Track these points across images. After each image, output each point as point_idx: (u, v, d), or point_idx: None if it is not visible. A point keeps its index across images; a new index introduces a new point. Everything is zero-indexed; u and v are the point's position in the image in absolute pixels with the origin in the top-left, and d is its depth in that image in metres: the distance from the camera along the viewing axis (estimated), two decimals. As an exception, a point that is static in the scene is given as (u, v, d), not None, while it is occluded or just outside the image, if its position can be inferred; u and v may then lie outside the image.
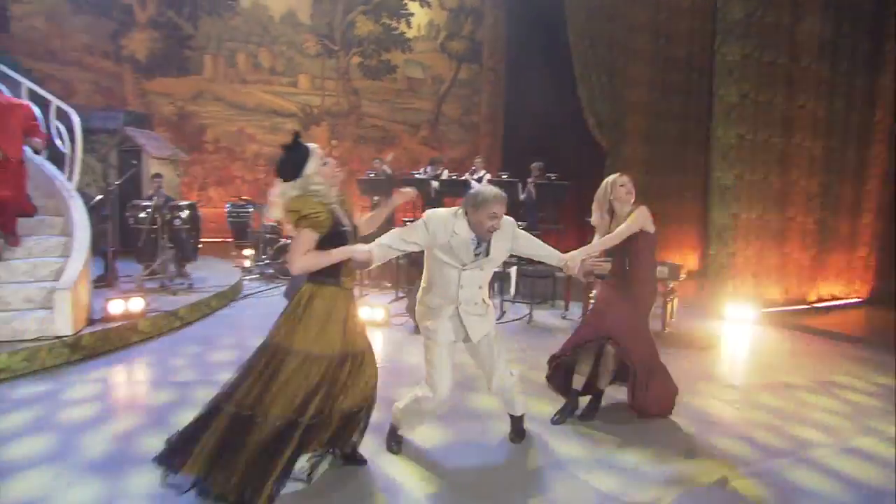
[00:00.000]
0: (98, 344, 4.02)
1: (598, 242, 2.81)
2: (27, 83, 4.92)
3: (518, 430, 2.82)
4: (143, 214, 5.40)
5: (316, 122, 11.29)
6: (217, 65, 10.34)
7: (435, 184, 6.85)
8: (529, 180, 7.23)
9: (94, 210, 5.26)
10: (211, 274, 6.32)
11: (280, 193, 2.12)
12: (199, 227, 5.88)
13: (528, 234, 2.58)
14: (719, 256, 5.98)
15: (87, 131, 7.77)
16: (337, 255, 2.12)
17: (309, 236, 2.09)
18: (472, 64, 12.02)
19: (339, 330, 2.17)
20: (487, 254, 2.40)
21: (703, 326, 5.48)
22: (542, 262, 2.60)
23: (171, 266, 5.59)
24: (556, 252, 2.60)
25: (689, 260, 7.99)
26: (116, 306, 4.34)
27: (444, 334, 2.41)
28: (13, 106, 4.12)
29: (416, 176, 7.31)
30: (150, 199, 5.67)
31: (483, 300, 2.48)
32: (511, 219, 2.47)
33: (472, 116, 12.20)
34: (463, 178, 7.26)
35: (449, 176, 7.28)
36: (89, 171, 6.84)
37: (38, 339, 3.74)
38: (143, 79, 9.68)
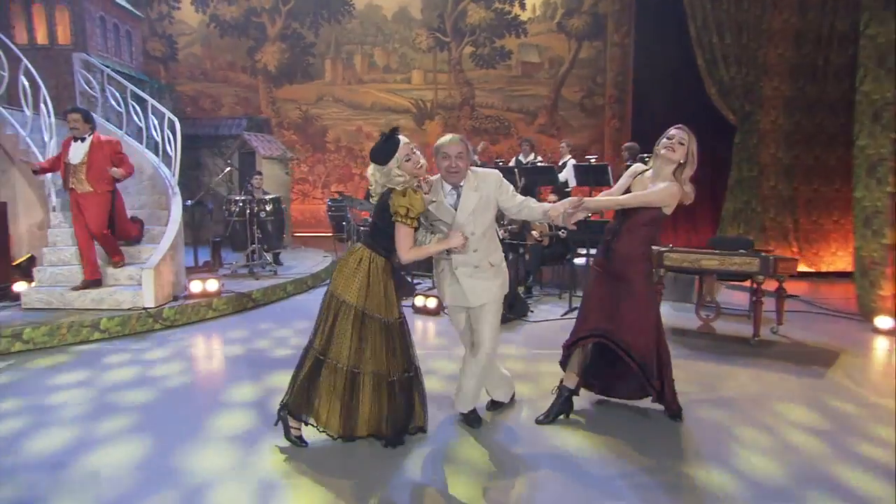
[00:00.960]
0: (177, 317, 5.04)
1: (611, 199, 2.65)
2: (151, 101, 6.28)
3: (471, 418, 2.86)
4: (235, 208, 6.48)
5: (429, 117, 11.94)
6: (336, 68, 11.66)
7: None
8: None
9: (199, 204, 6.52)
10: (302, 263, 7.28)
11: (370, 173, 2.50)
12: (283, 219, 6.78)
13: (512, 189, 2.62)
14: (868, 249, 4.79)
15: (216, 138, 9.57)
16: (436, 247, 2.48)
17: (411, 231, 2.43)
18: (595, 41, 11.41)
19: (385, 288, 2.49)
20: (457, 206, 2.49)
21: (830, 338, 4.53)
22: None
23: (263, 254, 6.58)
24: (540, 204, 2.62)
25: (838, 258, 6.54)
26: (196, 286, 5.35)
27: (450, 298, 2.61)
28: (103, 144, 4.76)
29: (501, 164, 7.34)
30: (248, 193, 6.77)
31: (489, 264, 2.55)
32: (497, 172, 2.59)
33: (596, 98, 11.59)
34: (544, 164, 7.05)
35: (532, 163, 7.13)
36: (219, 171, 8.35)
37: (130, 310, 4.85)
38: (273, 87, 11.42)
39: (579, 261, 6.30)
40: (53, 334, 4.38)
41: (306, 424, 2.62)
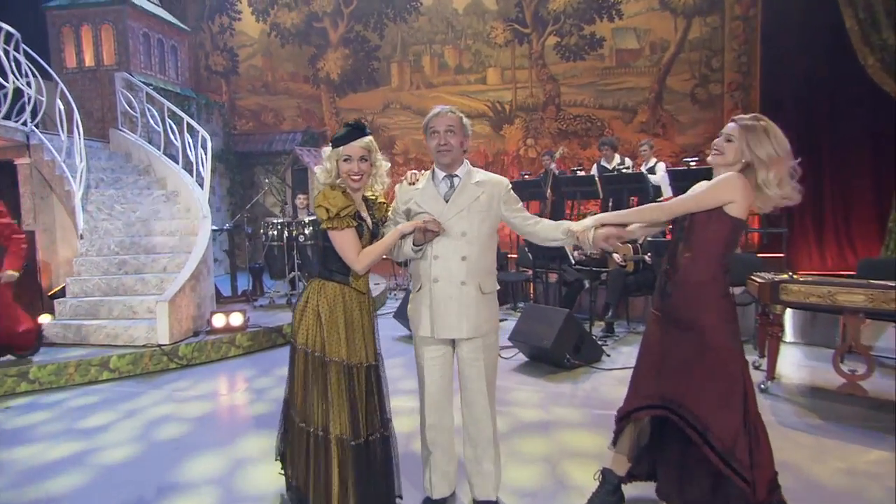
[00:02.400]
0: (194, 354, 5.00)
1: (649, 207, 2.33)
2: (186, 118, 6.48)
3: None
4: (273, 231, 6.45)
5: (508, 121, 11.51)
6: (403, 72, 11.64)
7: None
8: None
9: (238, 229, 6.59)
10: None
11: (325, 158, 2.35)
12: (326, 242, 6.65)
13: (522, 205, 2.43)
14: None
15: (270, 154, 9.87)
16: (390, 238, 2.32)
17: (349, 232, 2.26)
18: (709, 16, 10.31)
19: (343, 331, 2.30)
20: (449, 197, 2.29)
21: None
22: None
23: (302, 281, 6.53)
24: (560, 222, 2.40)
25: None
26: (218, 320, 5.31)
27: (425, 326, 2.33)
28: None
29: (580, 173, 6.71)
30: (292, 214, 6.76)
31: (480, 288, 2.28)
32: (506, 180, 2.40)
33: (712, 87, 10.44)
34: (629, 169, 6.28)
35: (618, 168, 6.40)
36: (273, 191, 8.54)
37: (144, 346, 4.88)
38: (336, 97, 11.64)
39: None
40: (61, 374, 4.48)
41: None
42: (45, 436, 3.63)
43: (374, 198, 2.50)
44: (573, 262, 5.87)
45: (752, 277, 4.11)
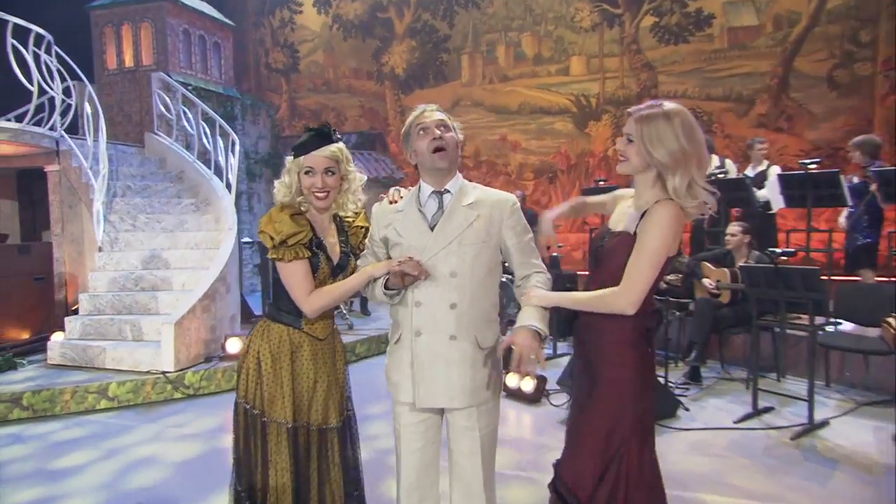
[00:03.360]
0: (202, 383, 4.79)
1: (601, 294, 1.90)
2: (219, 120, 6.41)
3: None
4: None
5: (594, 117, 10.74)
6: (474, 65, 11.20)
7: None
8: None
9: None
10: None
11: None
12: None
13: (531, 237, 2.08)
14: None
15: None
16: (355, 280, 2.09)
17: (299, 265, 2.05)
18: (854, -21, 8.96)
19: (288, 386, 2.11)
20: (434, 223, 2.01)
21: None
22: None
23: (344, 304, 6.24)
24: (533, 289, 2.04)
25: None
26: (233, 345, 5.09)
27: (406, 390, 2.05)
28: None
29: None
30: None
31: (476, 343, 1.98)
32: (513, 197, 2.08)
33: (858, 67, 9.04)
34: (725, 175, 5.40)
35: (714, 174, 5.51)
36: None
37: (147, 373, 4.73)
38: (401, 94, 11.42)
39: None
40: (55, 401, 4.41)
41: None
42: (10, 477, 3.50)
43: (350, 220, 2.25)
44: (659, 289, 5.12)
45: (889, 321, 3.24)
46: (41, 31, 5.66)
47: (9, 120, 5.64)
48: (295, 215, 2.08)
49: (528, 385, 4.47)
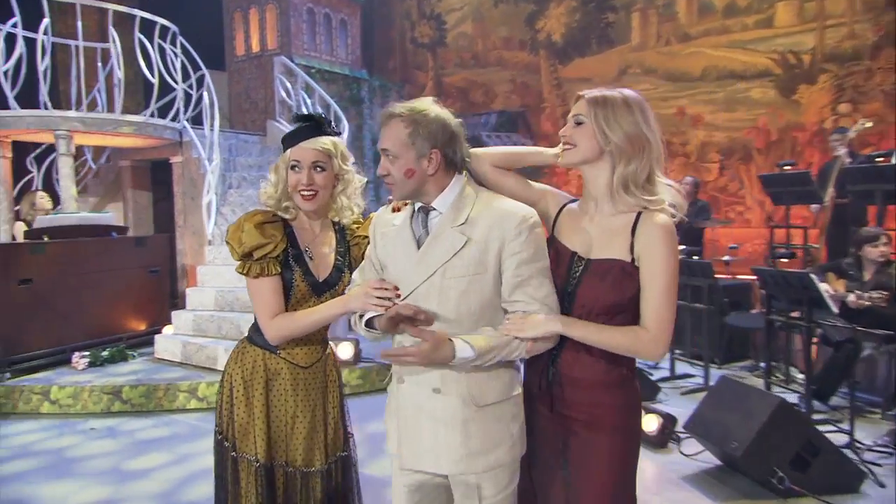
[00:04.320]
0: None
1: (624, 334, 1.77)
2: (334, 106, 6.58)
3: None
4: None
5: (807, 79, 9.29)
6: (647, 24, 10.29)
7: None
8: None
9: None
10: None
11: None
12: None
13: (541, 268, 1.77)
14: None
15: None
16: (328, 311, 1.98)
17: (264, 284, 1.99)
18: None
19: (261, 419, 2.05)
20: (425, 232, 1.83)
21: None
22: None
23: None
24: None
25: None
26: (345, 350, 5.17)
27: (391, 441, 1.94)
28: None
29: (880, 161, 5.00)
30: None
31: (471, 399, 1.76)
32: (522, 212, 1.76)
33: None
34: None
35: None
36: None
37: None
38: (559, 64, 10.90)
39: None
40: (150, 397, 4.87)
41: None
42: (87, 473, 3.87)
43: (353, 229, 2.18)
44: (835, 309, 4.25)
45: None
46: (166, 22, 6.24)
47: (152, 114, 6.35)
48: (265, 223, 2.00)
49: (650, 424, 4.00)
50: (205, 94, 6.32)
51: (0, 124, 5.75)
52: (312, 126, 2.02)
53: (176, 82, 6.30)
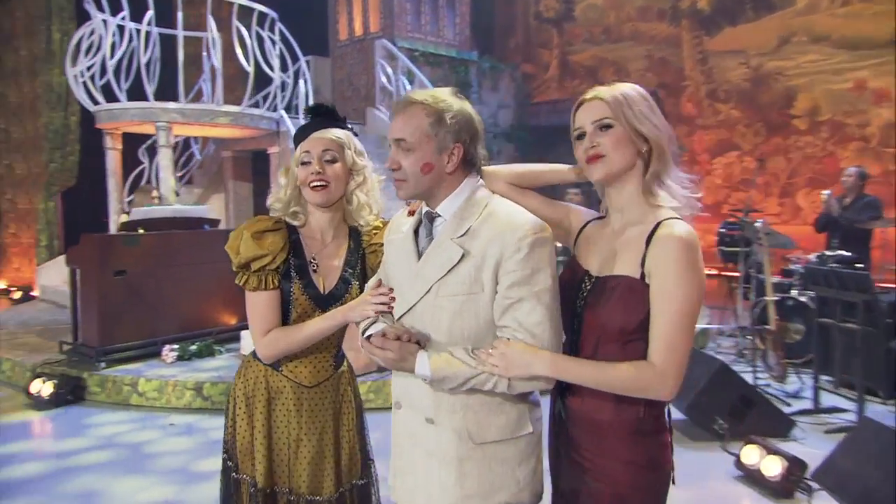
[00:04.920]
0: (370, 396, 5.04)
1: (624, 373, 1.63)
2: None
3: None
4: None
5: None
6: (816, -17, 9.36)
7: None
8: None
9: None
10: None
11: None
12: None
13: (533, 275, 1.65)
14: None
15: (538, 130, 9.21)
16: (325, 323, 1.98)
17: (258, 298, 2.02)
18: None
19: (261, 440, 2.07)
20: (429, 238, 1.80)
21: None
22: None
23: None
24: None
25: None
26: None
27: (392, 475, 1.94)
28: None
29: None
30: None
31: (463, 433, 1.70)
32: (529, 223, 1.66)
33: None
34: None
35: None
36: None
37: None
38: (704, 36, 10.18)
39: None
40: (162, 391, 5.17)
41: None
42: (156, 471, 4.12)
43: (369, 236, 2.15)
44: None
45: None
46: (264, 9, 6.51)
47: (255, 103, 6.68)
48: (266, 232, 2.00)
49: (772, 468, 3.68)
50: (301, 82, 6.51)
51: (109, 117, 6.30)
52: (324, 117, 2.03)
53: (272, 70, 6.54)
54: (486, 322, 1.65)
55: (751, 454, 3.80)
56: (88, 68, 6.31)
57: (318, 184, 1.95)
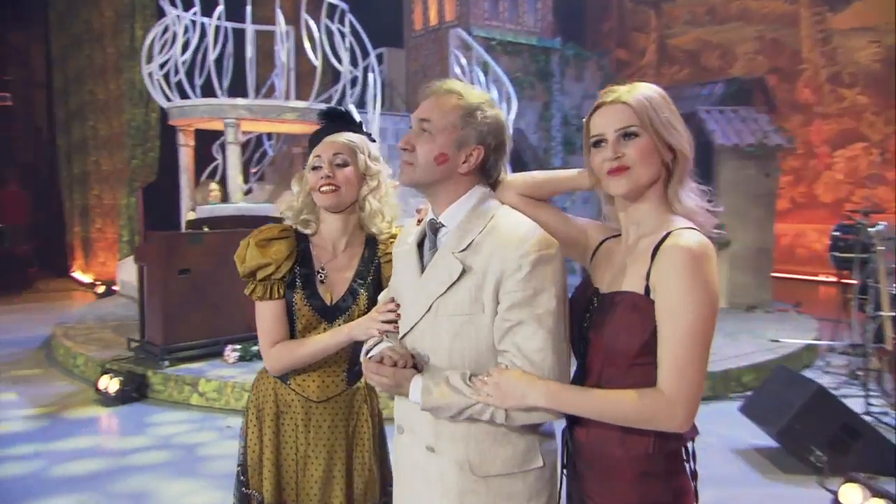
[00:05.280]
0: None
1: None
2: (507, 83, 6.45)
3: None
4: None
5: None
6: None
7: None
8: None
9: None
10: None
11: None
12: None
13: (535, 295, 1.58)
14: None
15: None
16: (331, 339, 2.02)
17: (263, 307, 2.08)
18: None
19: (269, 456, 2.12)
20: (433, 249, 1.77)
21: None
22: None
23: None
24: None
25: None
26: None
27: (396, 497, 1.99)
28: None
29: None
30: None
31: (464, 464, 1.66)
32: (533, 235, 1.59)
33: None
34: None
35: None
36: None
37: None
38: (826, 13, 9.55)
39: None
40: (221, 392, 5.34)
41: None
42: (208, 475, 4.27)
43: (385, 244, 2.15)
44: None
45: None
46: (334, 0, 6.61)
47: (328, 98, 6.81)
48: (272, 240, 2.06)
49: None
50: (370, 75, 6.56)
51: (180, 113, 6.59)
52: (337, 122, 2.08)
53: (341, 64, 6.63)
54: (487, 346, 1.60)
55: (851, 494, 3.57)
56: (162, 65, 6.62)
57: (327, 187, 1.99)
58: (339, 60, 6.66)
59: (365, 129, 2.17)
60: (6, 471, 4.36)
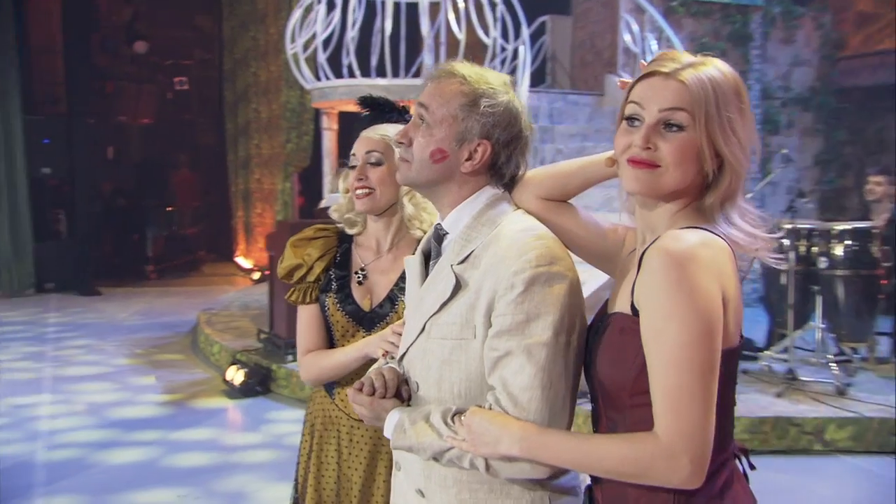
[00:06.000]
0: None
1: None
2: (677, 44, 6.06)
3: None
4: (786, 241, 5.52)
5: None
6: None
7: None
8: None
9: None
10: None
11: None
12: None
13: (527, 321, 1.47)
14: None
15: (853, 93, 7.65)
16: (352, 353, 2.05)
17: (303, 314, 2.14)
18: None
19: (314, 474, 2.19)
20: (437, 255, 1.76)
21: None
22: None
23: (837, 345, 5.73)
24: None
25: None
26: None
27: None
28: None
29: None
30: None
31: (455, 502, 1.62)
32: (532, 247, 1.48)
33: None
34: None
35: None
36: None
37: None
38: None
39: None
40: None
41: None
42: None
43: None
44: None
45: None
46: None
47: None
48: (311, 239, 2.13)
49: None
50: (521, 47, 6.42)
51: (320, 95, 6.87)
52: (375, 112, 2.06)
53: (487, 36, 6.57)
54: (478, 377, 1.50)
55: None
56: (306, 46, 6.92)
57: (361, 191, 1.97)
58: (486, 33, 6.58)
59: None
60: (125, 456, 4.80)
